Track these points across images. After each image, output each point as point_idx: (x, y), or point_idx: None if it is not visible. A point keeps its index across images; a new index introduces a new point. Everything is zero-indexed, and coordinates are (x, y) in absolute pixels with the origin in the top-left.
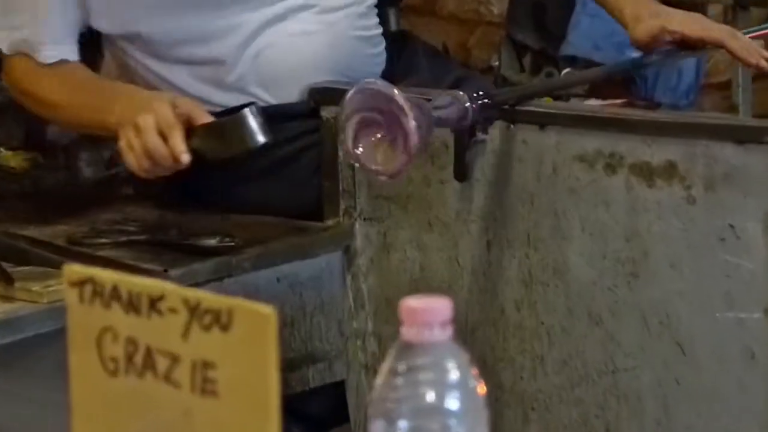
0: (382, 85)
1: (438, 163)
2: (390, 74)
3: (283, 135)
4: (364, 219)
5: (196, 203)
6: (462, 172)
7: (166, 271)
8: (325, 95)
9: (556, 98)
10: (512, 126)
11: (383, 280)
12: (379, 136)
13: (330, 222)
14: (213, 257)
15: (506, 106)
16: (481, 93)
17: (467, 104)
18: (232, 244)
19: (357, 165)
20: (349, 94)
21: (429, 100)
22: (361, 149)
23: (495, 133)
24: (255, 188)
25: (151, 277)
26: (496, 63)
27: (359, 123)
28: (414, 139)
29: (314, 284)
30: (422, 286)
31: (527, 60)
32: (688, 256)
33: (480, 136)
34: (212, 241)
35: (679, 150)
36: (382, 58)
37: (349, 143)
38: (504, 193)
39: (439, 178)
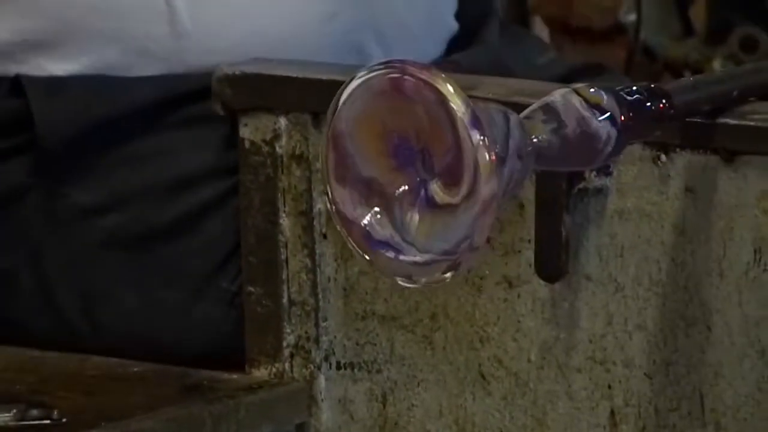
0: (417, 68)
1: (501, 241)
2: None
3: (167, 167)
4: (340, 366)
5: None
6: (555, 264)
7: None
8: (252, 90)
9: None
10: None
11: None
12: (404, 188)
13: (260, 372)
14: None
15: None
16: (641, 88)
17: (606, 115)
18: (49, 421)
19: (362, 254)
20: (345, 93)
21: (514, 106)
22: (368, 218)
23: (629, 172)
24: (94, 290)
25: None
26: (632, 18)
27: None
28: (492, 190)
29: None
30: None
31: (698, 11)
32: None
33: (594, 180)
34: (4, 417)
35: None
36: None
37: (347, 204)
38: (661, 311)
39: (503, 273)
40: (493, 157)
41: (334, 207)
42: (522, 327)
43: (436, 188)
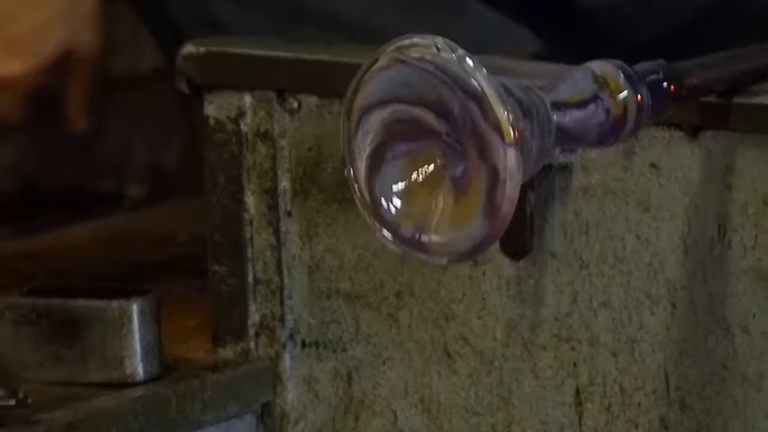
0: (439, 42)
1: None
2: None
3: None
4: (305, 345)
5: None
6: (519, 241)
7: None
8: (216, 67)
9: None
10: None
11: None
12: (425, 172)
13: (226, 351)
14: None
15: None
16: (657, 67)
17: (623, 94)
18: (14, 401)
19: (385, 236)
20: (366, 73)
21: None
22: (397, 200)
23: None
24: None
25: None
26: None
27: (383, 137)
28: (513, 169)
29: None
30: None
31: None
32: None
33: (558, 156)
34: None
35: None
36: None
37: (372, 184)
38: (625, 289)
39: None
40: (518, 135)
41: (358, 188)
42: (487, 305)
43: (458, 167)
